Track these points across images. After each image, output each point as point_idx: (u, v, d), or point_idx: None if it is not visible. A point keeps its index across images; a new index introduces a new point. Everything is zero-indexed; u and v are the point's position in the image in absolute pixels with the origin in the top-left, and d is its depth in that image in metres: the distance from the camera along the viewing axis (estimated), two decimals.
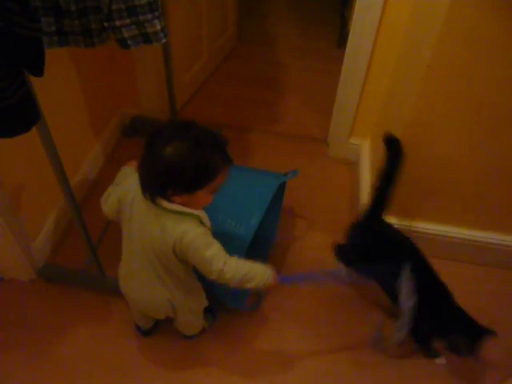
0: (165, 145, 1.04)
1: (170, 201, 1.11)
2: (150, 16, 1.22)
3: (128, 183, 1.22)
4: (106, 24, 1.19)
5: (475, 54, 1.29)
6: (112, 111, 2.28)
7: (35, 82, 0.99)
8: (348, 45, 1.94)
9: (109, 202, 1.26)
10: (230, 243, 1.36)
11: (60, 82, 1.71)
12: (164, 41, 1.30)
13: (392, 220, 1.76)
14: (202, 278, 1.32)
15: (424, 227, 1.78)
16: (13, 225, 1.52)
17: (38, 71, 0.93)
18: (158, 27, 1.26)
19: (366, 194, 1.90)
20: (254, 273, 1.19)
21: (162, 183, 1.08)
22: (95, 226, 1.66)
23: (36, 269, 1.69)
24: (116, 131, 2.30)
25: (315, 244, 1.91)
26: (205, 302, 1.41)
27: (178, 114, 2.21)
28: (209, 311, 1.56)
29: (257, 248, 1.71)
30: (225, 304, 1.57)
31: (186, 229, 1.12)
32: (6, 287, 1.69)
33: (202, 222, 1.16)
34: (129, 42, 1.25)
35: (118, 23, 1.19)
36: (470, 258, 1.85)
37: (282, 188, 1.73)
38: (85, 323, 1.60)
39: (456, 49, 1.29)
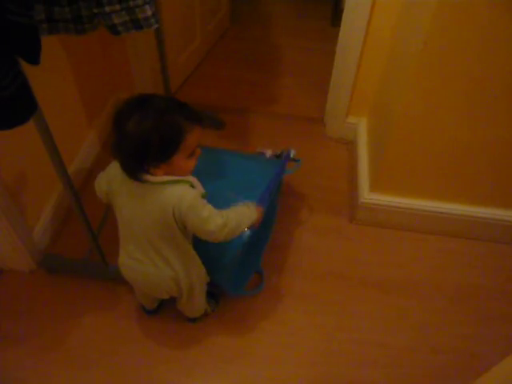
0: (126, 122, 1.05)
1: (153, 174, 1.12)
2: (140, 1, 1.18)
3: (116, 165, 1.21)
4: (95, 10, 1.16)
5: (472, 30, 1.27)
6: (106, 97, 2.24)
7: (26, 71, 0.97)
8: (343, 22, 1.92)
9: (99, 185, 1.28)
10: None
11: (51, 70, 1.68)
12: (156, 26, 1.26)
13: (381, 196, 1.79)
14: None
15: (420, 204, 1.79)
16: (10, 214, 1.51)
17: (35, 59, 0.91)
18: (149, 13, 1.23)
19: (364, 173, 1.90)
20: (242, 215, 1.25)
21: (136, 160, 1.09)
22: (94, 213, 1.65)
23: (36, 259, 1.68)
24: (111, 118, 2.26)
25: (316, 224, 1.91)
26: (206, 276, 1.39)
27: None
28: (211, 296, 1.57)
29: (258, 231, 1.72)
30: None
31: (182, 192, 1.13)
32: (6, 278, 1.68)
33: (192, 186, 1.17)
34: (119, 29, 1.22)
35: (107, 9, 1.16)
36: (468, 234, 1.86)
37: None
38: (89, 312, 1.60)
39: (452, 25, 1.27)
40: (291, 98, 2.57)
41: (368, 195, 1.80)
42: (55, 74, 1.73)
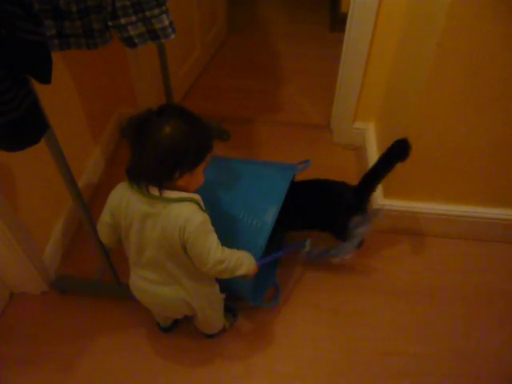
0: (162, 127, 1.02)
1: (172, 187, 1.09)
2: (157, 11, 1.15)
3: (115, 194, 1.18)
4: (110, 23, 1.12)
5: (487, 30, 1.24)
6: (109, 113, 2.22)
7: None
8: (347, 27, 1.90)
9: (101, 219, 1.23)
10: (247, 241, 1.34)
11: (55, 88, 1.64)
12: (173, 36, 1.23)
13: (395, 202, 1.76)
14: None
15: (436, 208, 1.76)
16: (20, 236, 1.47)
17: (46, 78, 0.88)
18: (166, 22, 1.20)
19: None
20: (242, 259, 1.21)
21: (168, 166, 1.05)
22: None
23: (47, 280, 1.65)
24: (114, 133, 2.24)
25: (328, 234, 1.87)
26: (220, 293, 1.37)
27: None
28: (229, 311, 1.54)
29: (272, 240, 1.68)
30: (244, 302, 1.56)
31: (189, 216, 1.09)
32: (18, 302, 1.64)
33: (201, 207, 1.13)
34: (135, 41, 1.19)
35: (123, 21, 1.13)
36: (486, 236, 1.83)
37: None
38: (104, 332, 1.56)
39: (467, 24, 1.24)
40: (295, 105, 2.54)
41: (382, 201, 1.77)
42: (58, 90, 1.69)
